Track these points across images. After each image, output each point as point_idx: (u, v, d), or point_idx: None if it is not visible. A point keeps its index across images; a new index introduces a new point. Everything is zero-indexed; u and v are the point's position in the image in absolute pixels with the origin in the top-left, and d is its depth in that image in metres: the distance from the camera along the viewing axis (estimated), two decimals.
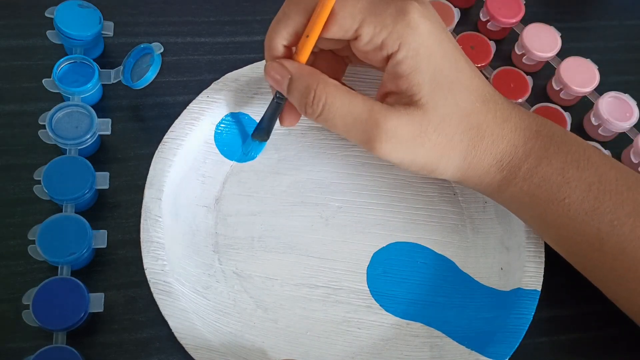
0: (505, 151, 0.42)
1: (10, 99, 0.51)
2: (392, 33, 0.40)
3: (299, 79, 0.42)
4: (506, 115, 0.43)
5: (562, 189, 0.42)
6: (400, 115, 0.40)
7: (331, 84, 0.41)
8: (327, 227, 0.48)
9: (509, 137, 0.42)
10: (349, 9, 0.40)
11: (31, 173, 0.45)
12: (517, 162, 0.42)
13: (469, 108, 0.42)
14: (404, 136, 0.41)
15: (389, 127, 0.40)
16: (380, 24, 0.40)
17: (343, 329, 0.46)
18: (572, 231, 0.43)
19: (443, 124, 0.41)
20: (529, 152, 0.42)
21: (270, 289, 0.46)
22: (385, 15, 0.40)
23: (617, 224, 0.41)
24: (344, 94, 0.41)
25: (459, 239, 0.49)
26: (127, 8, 0.56)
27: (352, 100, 0.41)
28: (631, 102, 0.54)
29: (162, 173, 0.45)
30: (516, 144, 0.42)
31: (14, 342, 0.43)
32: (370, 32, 0.40)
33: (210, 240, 0.47)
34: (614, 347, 0.48)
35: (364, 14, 0.40)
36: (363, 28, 0.40)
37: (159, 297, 0.42)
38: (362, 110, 0.41)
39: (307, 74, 0.42)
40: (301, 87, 0.42)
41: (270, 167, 0.50)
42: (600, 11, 0.62)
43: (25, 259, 0.44)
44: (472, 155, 0.42)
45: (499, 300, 0.46)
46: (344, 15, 0.40)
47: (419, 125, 0.41)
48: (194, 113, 0.47)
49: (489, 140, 0.42)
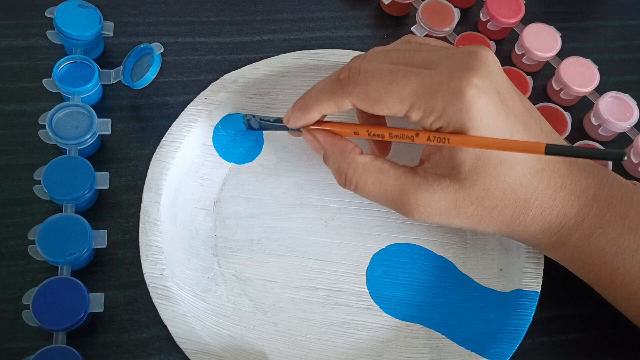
0: (554, 221, 0.41)
1: (10, 99, 0.51)
2: (442, 117, 0.38)
3: (331, 156, 0.43)
4: (560, 183, 0.41)
5: (616, 259, 0.41)
6: (433, 191, 0.40)
7: (361, 165, 0.42)
8: (327, 229, 0.48)
9: (560, 206, 0.41)
10: (397, 95, 0.39)
11: (31, 173, 0.45)
12: (568, 231, 0.41)
13: (518, 182, 0.40)
14: (438, 209, 0.40)
15: (420, 203, 0.40)
16: (430, 108, 0.38)
17: (343, 331, 0.46)
18: (628, 295, 0.42)
19: (482, 199, 0.40)
20: (582, 221, 0.41)
21: (270, 292, 0.46)
22: (436, 99, 0.38)
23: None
24: (375, 175, 0.41)
25: (458, 240, 0.49)
26: (127, 8, 0.56)
27: (382, 180, 0.41)
28: (631, 102, 0.54)
29: (160, 176, 0.45)
30: (568, 214, 0.41)
31: (14, 342, 0.43)
32: (419, 115, 0.39)
33: (210, 243, 0.47)
34: (614, 347, 0.48)
35: (412, 98, 0.39)
36: (412, 112, 0.39)
37: (159, 302, 0.42)
38: (393, 189, 0.41)
39: (338, 153, 0.43)
40: (334, 166, 0.43)
41: (269, 169, 0.50)
42: (600, 11, 0.62)
43: (25, 259, 0.44)
44: (516, 224, 0.41)
45: (498, 302, 0.46)
46: (393, 100, 0.39)
47: (453, 200, 0.40)
48: (191, 115, 0.47)
49: (537, 211, 0.41)
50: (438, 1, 0.56)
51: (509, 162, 0.39)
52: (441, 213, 0.41)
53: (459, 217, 0.41)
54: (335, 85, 0.41)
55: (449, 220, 0.41)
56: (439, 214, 0.41)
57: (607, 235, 0.41)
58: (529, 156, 0.40)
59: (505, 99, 0.39)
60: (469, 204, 0.40)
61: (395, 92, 0.39)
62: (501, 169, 0.39)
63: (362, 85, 0.40)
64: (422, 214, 0.41)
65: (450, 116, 0.38)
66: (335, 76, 0.42)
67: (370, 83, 0.40)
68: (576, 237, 0.41)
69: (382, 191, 0.41)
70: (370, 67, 0.40)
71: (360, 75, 0.40)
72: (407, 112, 0.39)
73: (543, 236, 0.42)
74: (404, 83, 0.39)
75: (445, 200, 0.40)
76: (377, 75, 0.40)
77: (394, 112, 0.40)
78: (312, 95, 0.43)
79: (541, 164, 0.40)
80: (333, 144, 0.43)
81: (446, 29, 0.55)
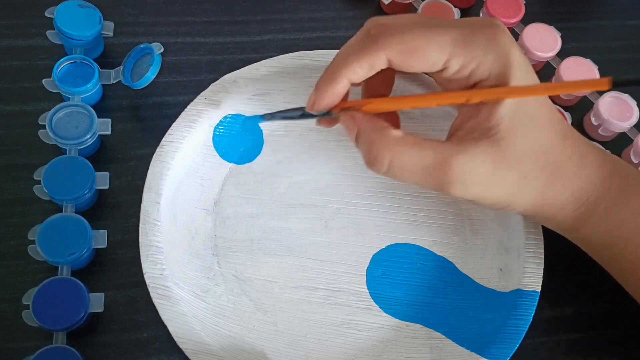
0: (582, 188, 0.41)
1: (10, 99, 0.51)
2: (483, 63, 0.38)
3: (364, 134, 0.40)
4: (584, 151, 0.41)
5: (638, 234, 0.41)
6: (473, 155, 0.39)
7: (393, 140, 0.39)
8: (326, 229, 0.48)
9: (586, 174, 0.41)
10: (437, 43, 0.38)
11: (31, 173, 0.45)
12: (595, 200, 0.41)
13: (547, 144, 0.40)
14: (477, 177, 0.39)
15: (459, 171, 0.39)
16: (470, 55, 0.38)
17: (343, 331, 0.46)
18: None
19: (518, 161, 0.39)
20: (606, 190, 0.41)
21: (270, 292, 0.46)
22: (475, 45, 0.38)
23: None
24: (411, 148, 0.39)
25: (458, 240, 0.49)
26: (127, 8, 0.56)
27: (419, 152, 0.39)
28: (631, 102, 0.54)
29: (160, 176, 0.45)
30: (594, 182, 0.41)
31: (14, 342, 0.43)
32: (459, 63, 0.39)
33: (209, 243, 0.47)
34: (614, 347, 0.48)
35: (452, 46, 0.38)
36: (452, 61, 0.39)
37: (159, 302, 0.42)
38: (432, 159, 0.39)
39: (371, 130, 0.40)
40: (366, 143, 0.40)
41: (269, 169, 0.50)
42: (600, 11, 0.62)
43: (25, 259, 0.44)
44: (548, 191, 0.41)
45: (498, 302, 0.46)
46: (432, 49, 0.38)
47: (492, 164, 0.39)
48: (191, 115, 0.47)
49: (566, 177, 0.40)
50: (438, 1, 0.56)
51: (538, 121, 0.39)
52: (481, 182, 0.39)
53: (497, 185, 0.40)
54: (366, 42, 0.40)
55: (488, 191, 0.40)
56: (479, 183, 0.39)
57: (631, 206, 0.41)
58: (556, 119, 0.40)
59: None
60: (507, 167, 0.39)
61: (434, 40, 0.38)
62: (533, 127, 0.39)
63: (398, 36, 0.39)
64: (463, 183, 0.39)
65: (490, 63, 0.38)
66: (362, 34, 0.40)
67: (406, 33, 0.39)
68: (602, 208, 0.41)
69: (419, 164, 0.39)
70: (398, 21, 0.40)
71: (392, 28, 0.39)
72: (446, 61, 0.39)
73: (572, 207, 0.41)
74: (441, 31, 0.38)
75: (484, 164, 0.39)
76: (410, 27, 0.39)
77: (431, 63, 0.39)
78: (338, 62, 0.41)
79: (565, 130, 0.41)
80: (367, 121, 0.41)
81: None
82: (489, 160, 0.39)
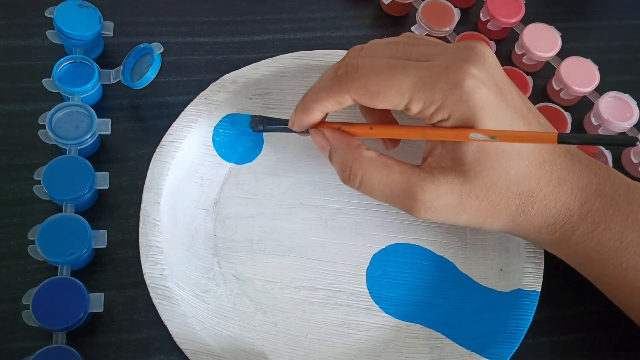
0: (558, 215, 0.41)
1: (10, 99, 0.51)
2: (442, 107, 0.38)
3: (337, 152, 0.43)
4: (563, 176, 0.41)
5: (619, 254, 0.41)
6: (439, 185, 0.40)
7: (367, 160, 0.41)
8: (327, 229, 0.48)
9: (563, 200, 0.41)
10: (397, 87, 0.39)
11: (31, 173, 0.45)
12: (571, 226, 0.41)
13: (520, 175, 0.40)
14: (443, 205, 0.40)
15: (426, 199, 0.40)
16: (429, 100, 0.39)
17: (343, 332, 0.46)
18: (629, 292, 0.42)
19: (486, 192, 0.40)
20: (585, 215, 0.41)
21: (270, 292, 0.46)
22: (435, 91, 0.38)
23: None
24: (380, 169, 0.41)
25: (458, 240, 0.49)
26: (127, 8, 0.56)
27: (388, 175, 0.41)
28: (631, 102, 0.54)
29: (160, 176, 0.46)
30: (571, 207, 0.41)
31: (14, 342, 0.43)
32: (419, 107, 0.39)
33: (209, 243, 0.47)
34: (614, 347, 0.48)
35: (412, 90, 0.39)
36: (412, 104, 0.39)
37: (159, 302, 0.42)
38: (399, 183, 0.41)
39: (344, 148, 0.42)
40: (338, 161, 0.43)
41: (269, 169, 0.50)
42: (600, 11, 0.62)
43: (25, 259, 0.44)
44: (520, 218, 0.41)
45: (498, 302, 0.46)
46: (393, 93, 0.39)
47: (459, 195, 0.40)
48: (191, 115, 0.47)
49: (540, 204, 0.41)
50: (438, 1, 0.56)
51: (510, 153, 0.39)
52: (447, 209, 0.40)
53: (465, 213, 0.41)
54: (333, 82, 0.41)
55: (455, 217, 0.41)
56: (445, 210, 0.40)
57: (611, 230, 0.41)
58: (531, 147, 0.40)
59: (504, 91, 0.40)
60: (474, 198, 0.40)
61: (394, 85, 0.39)
62: (503, 160, 0.39)
63: (361, 80, 0.40)
64: (429, 209, 0.40)
65: (451, 107, 0.38)
66: (332, 73, 0.42)
67: (369, 77, 0.40)
68: (580, 232, 0.41)
69: (387, 186, 0.41)
70: (368, 61, 0.40)
71: (358, 71, 0.40)
72: (407, 104, 0.39)
73: (547, 231, 0.42)
74: (402, 76, 0.39)
75: (451, 194, 0.40)
76: (375, 69, 0.40)
77: (394, 105, 0.40)
78: (312, 95, 0.43)
79: (543, 156, 0.40)
80: (339, 139, 0.43)
81: (446, 28, 0.55)
82: (455, 192, 0.40)
